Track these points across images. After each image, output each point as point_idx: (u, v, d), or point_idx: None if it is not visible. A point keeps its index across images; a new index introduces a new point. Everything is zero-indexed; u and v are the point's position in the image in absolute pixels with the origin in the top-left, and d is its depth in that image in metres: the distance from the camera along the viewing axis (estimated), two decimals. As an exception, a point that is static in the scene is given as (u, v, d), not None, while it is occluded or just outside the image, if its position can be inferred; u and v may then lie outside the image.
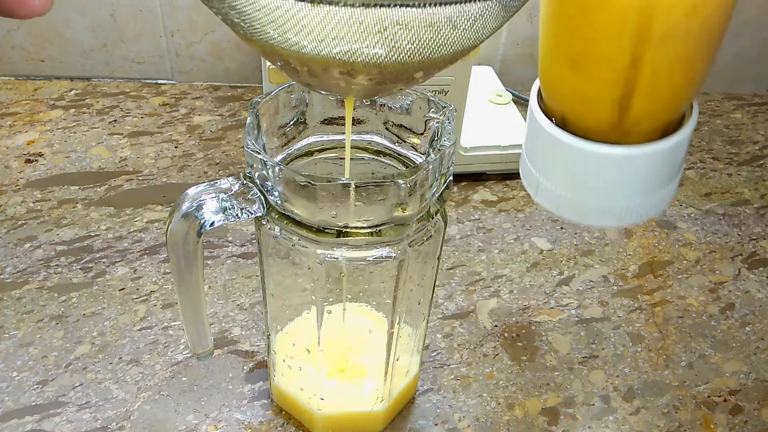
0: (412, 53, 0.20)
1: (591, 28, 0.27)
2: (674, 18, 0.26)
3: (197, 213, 0.26)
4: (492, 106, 0.58)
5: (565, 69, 0.30)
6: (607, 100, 0.29)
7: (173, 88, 0.64)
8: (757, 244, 0.52)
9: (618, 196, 0.32)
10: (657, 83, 0.28)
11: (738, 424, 0.38)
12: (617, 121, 0.29)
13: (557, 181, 0.33)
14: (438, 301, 0.44)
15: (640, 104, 0.29)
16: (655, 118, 0.30)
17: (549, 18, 0.30)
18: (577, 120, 0.31)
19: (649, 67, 0.28)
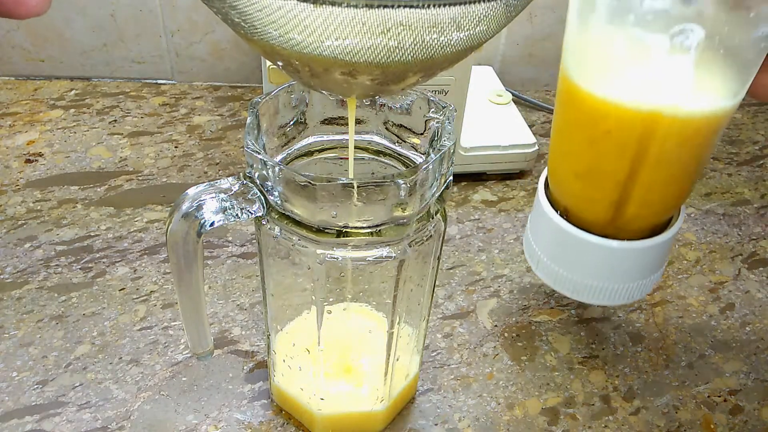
0: (415, 54, 0.20)
1: (596, 152, 0.31)
2: (667, 146, 0.30)
3: (197, 213, 0.26)
4: (492, 106, 0.58)
5: (571, 176, 0.34)
6: (605, 203, 0.33)
7: (173, 88, 0.64)
8: (757, 244, 0.52)
9: (609, 280, 0.36)
10: (649, 194, 0.32)
11: (738, 424, 0.38)
12: (613, 220, 0.33)
13: (556, 261, 0.37)
14: (438, 301, 0.44)
15: (634, 209, 0.33)
16: (646, 221, 0.34)
17: (559, 135, 0.34)
18: (578, 214, 0.35)
19: (643, 182, 0.32)
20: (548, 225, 0.36)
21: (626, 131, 0.31)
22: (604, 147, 0.32)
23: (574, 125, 0.33)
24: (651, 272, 0.37)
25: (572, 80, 0.32)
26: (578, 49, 0.32)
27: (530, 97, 0.65)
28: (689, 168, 0.32)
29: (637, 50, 0.29)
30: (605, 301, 0.37)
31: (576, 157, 0.34)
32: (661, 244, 0.35)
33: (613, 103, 0.30)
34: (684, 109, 0.29)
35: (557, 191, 0.36)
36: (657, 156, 0.31)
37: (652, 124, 0.30)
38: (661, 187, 0.33)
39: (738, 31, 0.27)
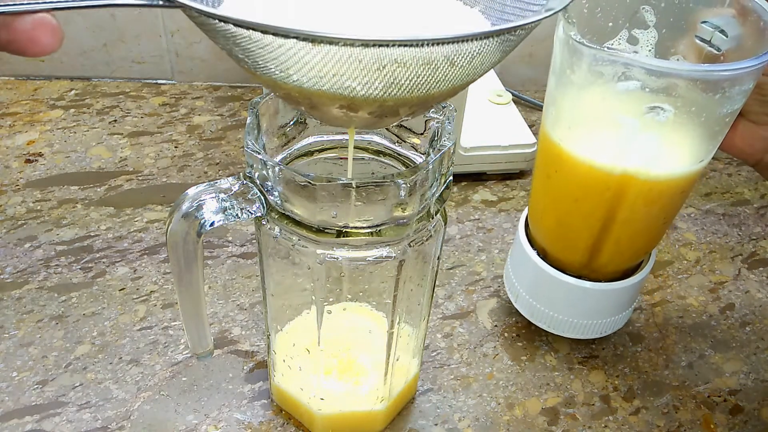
0: (410, 90, 0.21)
1: (571, 205, 0.34)
2: (638, 204, 0.32)
3: (197, 213, 0.26)
4: (492, 106, 0.58)
5: (549, 223, 0.37)
6: (581, 249, 0.36)
7: (173, 88, 0.64)
8: (757, 244, 0.52)
9: (582, 316, 0.38)
10: (621, 244, 0.35)
11: (738, 424, 0.38)
12: (588, 263, 0.36)
13: (534, 296, 0.39)
14: (438, 301, 0.44)
15: (607, 256, 0.35)
16: (619, 265, 0.37)
17: (538, 186, 0.36)
18: (556, 254, 0.37)
19: (615, 233, 0.34)
20: (527, 263, 0.39)
21: (600, 188, 0.33)
22: (580, 199, 0.34)
23: (552, 176, 0.35)
24: (622, 310, 0.39)
25: (550, 136, 0.34)
26: (557, 109, 0.33)
27: (530, 97, 0.65)
28: (658, 222, 0.35)
29: (611, 118, 0.31)
30: (578, 335, 0.40)
31: (553, 208, 0.36)
32: (631, 286, 0.38)
33: (588, 163, 0.32)
34: (653, 173, 0.31)
35: (536, 232, 0.39)
36: (628, 212, 0.33)
37: (625, 184, 0.32)
38: (632, 238, 0.35)
39: (705, 109, 0.29)
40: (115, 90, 0.63)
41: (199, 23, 0.20)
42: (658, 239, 0.37)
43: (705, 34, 0.32)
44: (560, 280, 0.37)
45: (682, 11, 0.32)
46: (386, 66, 0.19)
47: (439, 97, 0.23)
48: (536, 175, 0.37)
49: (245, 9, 0.24)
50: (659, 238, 0.37)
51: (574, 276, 0.37)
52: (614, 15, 0.33)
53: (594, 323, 0.39)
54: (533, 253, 0.38)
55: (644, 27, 0.33)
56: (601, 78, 0.29)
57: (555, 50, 0.32)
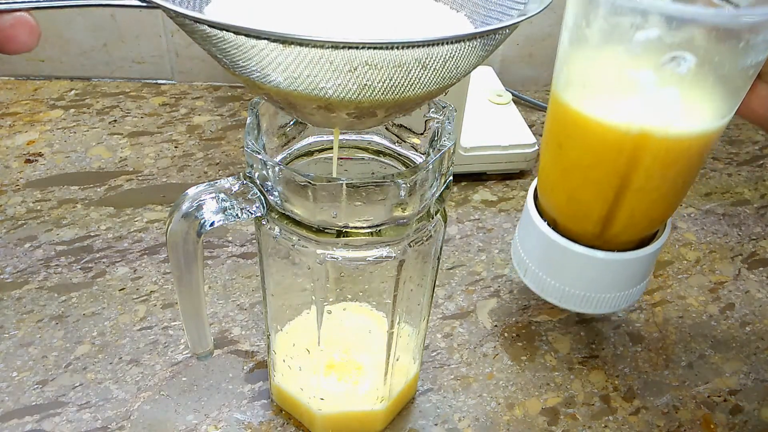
0: (384, 91, 0.21)
1: (585, 170, 0.32)
2: (656, 166, 0.31)
3: (197, 213, 0.26)
4: (492, 106, 0.58)
5: (560, 191, 0.35)
6: (593, 218, 0.34)
7: (173, 88, 0.64)
8: (757, 244, 0.52)
9: (594, 290, 0.36)
10: (637, 211, 0.33)
11: (738, 424, 0.38)
12: (600, 233, 0.34)
13: (543, 270, 0.37)
14: (438, 301, 0.44)
15: (621, 224, 0.33)
16: (633, 235, 0.35)
17: (548, 152, 0.35)
18: (567, 225, 0.35)
19: (631, 199, 0.32)
20: (537, 234, 0.37)
21: (615, 151, 0.31)
22: (593, 165, 0.32)
23: (564, 143, 0.34)
24: (636, 283, 0.37)
25: (562, 99, 0.32)
26: (569, 69, 0.32)
27: (530, 97, 0.65)
28: (676, 186, 0.33)
29: (629, 74, 0.30)
30: (590, 309, 0.38)
31: (564, 179, 0.34)
32: (646, 257, 0.36)
33: (603, 124, 0.31)
34: (672, 131, 0.30)
35: (546, 203, 0.37)
36: (645, 175, 0.31)
37: (642, 144, 0.30)
38: (649, 203, 0.33)
39: (728, 60, 0.28)
40: (115, 90, 0.63)
41: (178, 23, 0.21)
42: (674, 207, 0.35)
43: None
44: (572, 250, 0.36)
45: None
46: (357, 68, 0.20)
47: (416, 100, 0.23)
48: (546, 145, 0.36)
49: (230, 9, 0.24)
50: (676, 205, 0.35)
51: (587, 246, 0.35)
52: None
53: (607, 297, 0.37)
54: (543, 223, 0.37)
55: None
56: (618, 29, 0.28)
57: (568, 7, 0.31)
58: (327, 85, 0.20)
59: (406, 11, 0.26)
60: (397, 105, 0.23)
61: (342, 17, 0.25)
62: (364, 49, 0.19)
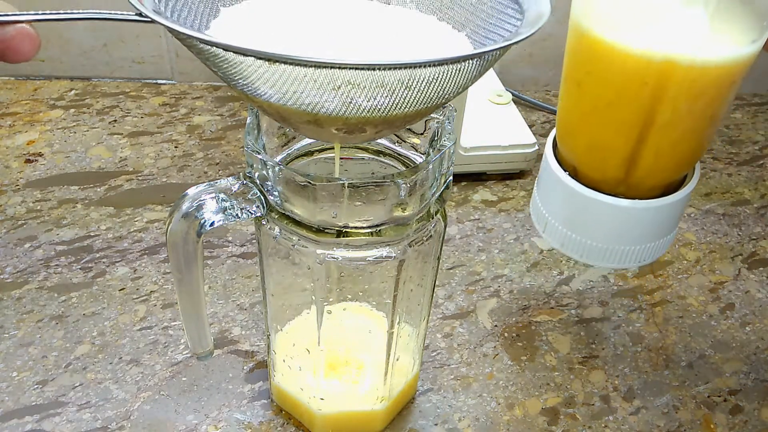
0: (370, 110, 0.21)
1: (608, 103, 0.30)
2: (682, 97, 0.29)
3: (197, 213, 0.26)
4: (492, 106, 0.58)
5: (581, 130, 0.33)
6: (617, 159, 0.32)
7: (173, 88, 0.64)
8: (757, 244, 0.52)
9: (618, 242, 0.34)
10: (663, 149, 0.31)
11: (738, 424, 0.38)
12: (624, 178, 0.32)
13: (564, 223, 0.35)
14: (438, 301, 0.44)
15: (647, 165, 0.31)
16: (659, 178, 0.32)
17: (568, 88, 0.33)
18: (588, 173, 0.33)
19: (657, 136, 0.30)
20: (557, 185, 0.35)
21: (638, 83, 0.29)
22: (615, 102, 0.30)
23: (583, 80, 0.31)
24: (663, 234, 0.35)
25: (582, 26, 0.30)
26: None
27: (530, 97, 0.65)
28: (704, 122, 0.31)
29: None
30: (615, 263, 0.35)
31: (585, 116, 0.32)
32: (674, 204, 0.33)
33: (625, 51, 0.29)
34: (699, 57, 0.28)
35: (566, 149, 0.35)
36: (672, 107, 0.29)
37: (667, 74, 0.28)
38: (676, 141, 0.31)
39: None
40: (115, 90, 0.63)
41: (174, 36, 0.21)
42: (703, 147, 0.33)
43: None
44: (594, 199, 0.33)
45: None
46: (341, 87, 0.20)
47: (405, 118, 0.23)
48: (565, 85, 0.34)
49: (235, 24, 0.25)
50: (705, 145, 0.33)
51: (610, 195, 0.33)
52: None
53: (632, 249, 0.35)
54: (563, 172, 0.34)
55: None
56: None
57: None
58: (313, 102, 0.21)
59: (406, 30, 0.26)
60: (386, 122, 0.23)
61: (341, 35, 0.25)
62: (345, 69, 0.20)
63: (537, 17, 0.23)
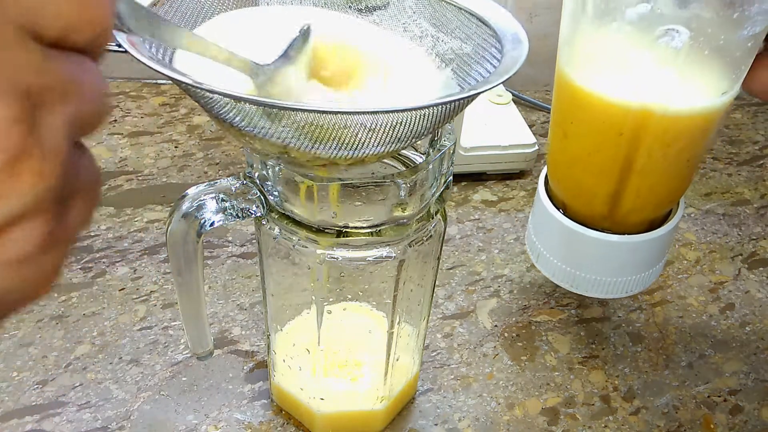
0: (337, 147, 0.21)
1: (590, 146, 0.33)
2: (658, 143, 0.31)
3: (197, 213, 0.26)
4: (492, 106, 0.58)
5: (568, 170, 0.35)
6: (602, 196, 0.34)
7: (173, 88, 0.64)
8: (757, 244, 0.52)
9: (606, 274, 0.36)
10: (643, 189, 0.33)
11: (738, 424, 0.38)
12: (610, 214, 0.34)
13: (555, 254, 0.37)
14: (438, 301, 0.44)
15: (630, 203, 0.33)
16: (643, 215, 0.34)
17: (555, 130, 0.35)
18: (577, 209, 0.36)
19: (637, 176, 0.32)
20: (548, 220, 0.37)
21: (617, 131, 0.31)
22: (597, 150, 0.32)
23: (569, 131, 0.34)
24: (649, 266, 0.37)
25: (566, 75, 0.32)
26: (570, 46, 0.32)
27: (530, 97, 0.65)
28: (680, 165, 0.33)
29: (624, 50, 0.30)
30: (603, 294, 0.37)
31: (572, 151, 0.34)
32: (658, 238, 0.35)
33: (605, 100, 0.30)
34: (672, 108, 0.29)
35: (556, 186, 0.37)
36: (647, 154, 0.31)
37: (643, 121, 0.30)
38: (654, 184, 0.33)
39: (724, 31, 0.27)
40: (115, 90, 0.63)
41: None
42: (683, 187, 0.35)
43: None
44: (583, 234, 0.35)
45: None
46: (305, 126, 0.20)
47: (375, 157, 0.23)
48: (553, 135, 0.36)
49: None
50: (684, 185, 0.35)
51: (598, 230, 0.35)
52: None
53: (620, 281, 0.36)
54: (554, 208, 0.36)
55: None
56: (613, 3, 0.28)
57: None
58: (281, 136, 0.21)
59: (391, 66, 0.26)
60: (357, 159, 0.23)
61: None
62: (305, 112, 0.20)
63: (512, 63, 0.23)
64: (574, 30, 0.31)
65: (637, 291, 0.37)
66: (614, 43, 0.30)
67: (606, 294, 0.37)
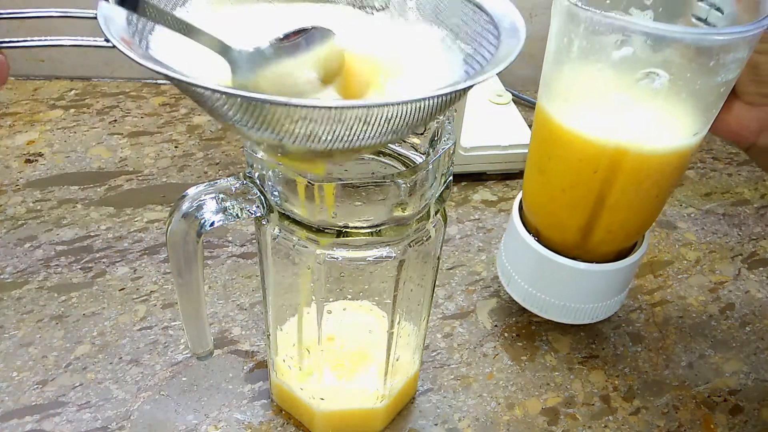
0: (331, 141, 0.21)
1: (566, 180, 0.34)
2: (631, 179, 0.32)
3: (197, 213, 0.26)
4: (492, 106, 0.58)
5: (543, 200, 0.37)
6: (574, 227, 0.35)
7: (173, 88, 0.64)
8: (757, 244, 0.52)
9: (574, 300, 0.38)
10: (614, 222, 0.34)
11: (738, 424, 0.38)
12: (581, 243, 0.36)
13: (526, 280, 0.39)
14: (438, 301, 0.44)
15: (600, 234, 0.35)
16: (612, 246, 0.36)
17: (532, 162, 0.36)
18: (549, 236, 0.37)
19: (609, 210, 0.34)
20: (521, 246, 0.39)
21: (592, 169, 0.33)
22: (572, 187, 0.34)
23: (545, 167, 0.35)
24: (615, 294, 0.39)
25: (546, 113, 0.34)
26: (552, 85, 0.33)
27: (530, 97, 0.65)
28: (650, 201, 0.34)
29: (606, 91, 0.31)
30: (570, 319, 0.39)
31: (547, 187, 0.36)
32: (624, 268, 0.37)
33: (582, 137, 0.32)
34: (647, 146, 0.31)
35: (530, 214, 0.38)
36: (622, 188, 0.33)
37: (618, 160, 0.32)
38: (625, 216, 0.35)
39: (700, 77, 0.29)
40: (115, 90, 0.63)
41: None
42: (651, 220, 0.37)
43: (701, 12, 0.32)
44: (554, 261, 0.37)
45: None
46: (298, 121, 0.20)
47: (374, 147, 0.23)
48: (529, 168, 0.37)
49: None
50: (652, 219, 0.37)
51: (569, 258, 0.37)
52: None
53: (587, 307, 0.38)
54: (527, 235, 0.38)
55: (642, 7, 0.33)
56: (597, 45, 0.29)
57: (552, 24, 0.32)
58: (278, 131, 0.21)
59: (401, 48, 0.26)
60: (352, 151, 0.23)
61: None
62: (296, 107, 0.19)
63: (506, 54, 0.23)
64: (557, 69, 0.33)
65: (601, 318, 0.40)
66: (596, 83, 0.31)
67: (573, 320, 0.39)
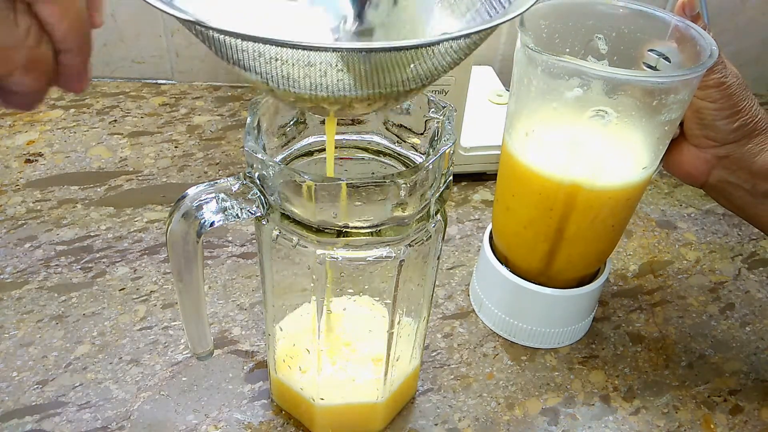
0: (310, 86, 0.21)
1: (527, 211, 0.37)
2: (587, 212, 0.35)
3: (197, 213, 0.26)
4: (492, 106, 0.58)
5: (509, 229, 0.39)
6: (538, 255, 0.38)
7: (173, 88, 0.64)
8: (757, 244, 0.52)
9: (541, 324, 0.40)
10: (574, 251, 0.37)
11: (738, 424, 0.38)
12: (545, 269, 0.39)
13: (496, 305, 0.41)
14: (438, 301, 0.44)
15: (562, 261, 0.39)
16: (574, 272, 0.40)
17: (499, 193, 0.39)
18: (517, 263, 0.39)
19: (568, 240, 0.37)
20: (492, 272, 0.41)
21: (549, 201, 0.35)
22: (533, 215, 0.37)
23: (511, 193, 0.38)
24: (579, 319, 0.41)
25: (509, 150, 0.36)
26: (515, 121, 0.36)
27: (530, 97, 0.65)
28: (606, 232, 0.37)
29: (560, 126, 0.33)
30: (538, 344, 0.41)
31: (512, 223, 0.39)
32: (588, 294, 0.40)
33: (540, 173, 0.35)
34: (599, 182, 0.34)
35: (499, 243, 0.41)
36: (577, 222, 0.36)
37: (573, 194, 0.34)
38: (583, 246, 0.37)
39: (645, 115, 0.32)
40: (115, 90, 0.63)
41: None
42: (610, 248, 0.39)
43: (651, 61, 0.36)
44: (522, 286, 0.39)
45: (631, 41, 0.36)
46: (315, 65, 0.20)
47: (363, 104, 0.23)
48: (496, 204, 0.40)
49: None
50: (611, 247, 0.39)
51: (535, 283, 0.39)
52: (570, 42, 0.37)
53: (554, 332, 0.40)
54: (497, 262, 0.40)
55: (598, 55, 0.37)
56: (551, 87, 0.32)
57: (515, 66, 0.35)
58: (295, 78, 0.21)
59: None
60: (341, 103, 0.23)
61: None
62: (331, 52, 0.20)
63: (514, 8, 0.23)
64: (518, 109, 0.35)
65: (567, 343, 0.42)
66: (551, 121, 0.34)
67: (541, 344, 0.41)
